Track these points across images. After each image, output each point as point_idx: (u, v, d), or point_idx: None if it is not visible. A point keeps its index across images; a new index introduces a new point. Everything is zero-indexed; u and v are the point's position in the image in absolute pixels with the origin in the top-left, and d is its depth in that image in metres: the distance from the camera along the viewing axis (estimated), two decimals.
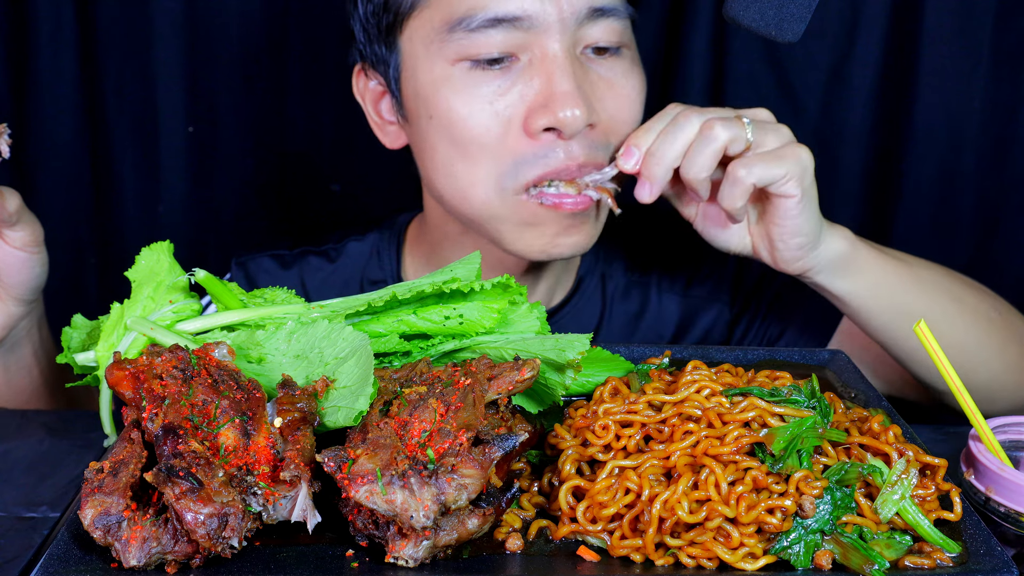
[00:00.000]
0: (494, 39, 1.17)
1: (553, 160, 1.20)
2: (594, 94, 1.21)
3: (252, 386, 0.89)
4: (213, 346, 0.93)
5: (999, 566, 0.81)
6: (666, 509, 0.83)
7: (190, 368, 0.88)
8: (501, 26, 1.16)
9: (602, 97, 1.22)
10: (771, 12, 1.04)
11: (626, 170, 1.16)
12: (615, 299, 1.50)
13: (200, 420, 0.83)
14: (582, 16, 1.18)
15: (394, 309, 1.04)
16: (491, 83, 1.19)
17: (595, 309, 1.50)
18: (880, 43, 1.78)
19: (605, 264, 1.51)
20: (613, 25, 1.21)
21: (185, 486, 0.76)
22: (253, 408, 0.86)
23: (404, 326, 1.03)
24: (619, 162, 1.17)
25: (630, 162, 1.15)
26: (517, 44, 1.18)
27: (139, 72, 1.79)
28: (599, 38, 1.21)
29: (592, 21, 1.19)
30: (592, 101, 1.20)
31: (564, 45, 1.18)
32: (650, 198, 1.15)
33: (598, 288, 1.50)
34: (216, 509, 0.76)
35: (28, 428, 1.16)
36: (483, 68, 1.19)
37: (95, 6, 1.75)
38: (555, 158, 1.19)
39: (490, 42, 1.17)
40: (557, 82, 1.16)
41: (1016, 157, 1.81)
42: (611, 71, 1.24)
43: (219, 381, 0.87)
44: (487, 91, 1.19)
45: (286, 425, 0.85)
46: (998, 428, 1.04)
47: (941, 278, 1.30)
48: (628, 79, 1.25)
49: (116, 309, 1.03)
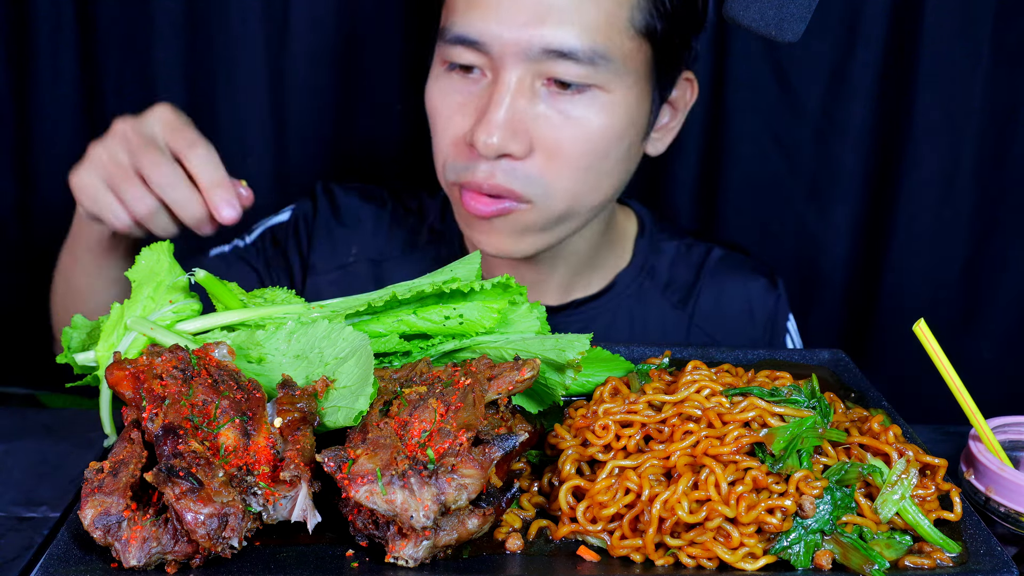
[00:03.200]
0: (463, 54, 1.25)
1: (471, 173, 1.26)
2: (534, 127, 1.23)
3: (252, 386, 0.89)
4: (213, 346, 0.93)
5: (999, 566, 0.81)
6: (666, 509, 0.83)
7: (190, 368, 0.88)
8: (465, 45, 1.24)
9: (544, 133, 1.24)
10: (771, 12, 1.04)
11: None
12: (641, 310, 1.52)
13: (200, 420, 0.83)
14: (535, 53, 1.20)
15: (394, 309, 1.04)
16: (461, 89, 1.27)
17: (621, 314, 1.51)
18: (880, 43, 1.77)
19: (647, 276, 1.53)
20: (574, 68, 1.21)
21: (185, 486, 0.76)
22: (253, 408, 0.86)
23: (404, 326, 1.03)
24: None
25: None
26: (483, 63, 1.25)
27: (139, 72, 1.79)
28: (562, 73, 1.22)
29: (552, 60, 1.21)
30: (525, 134, 1.23)
31: (518, 75, 1.22)
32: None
33: (631, 296, 1.52)
34: (216, 509, 0.76)
35: (28, 428, 1.16)
36: (459, 73, 1.27)
37: (95, 6, 1.75)
38: (473, 171, 1.26)
39: (460, 55, 1.25)
40: (490, 108, 1.22)
41: (1016, 157, 1.81)
42: (569, 107, 1.24)
43: (219, 381, 0.87)
44: (456, 98, 1.28)
45: (286, 425, 0.85)
46: (998, 428, 1.04)
47: None
48: (586, 118, 1.24)
49: (116, 309, 1.03)
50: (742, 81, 1.80)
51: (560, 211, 1.29)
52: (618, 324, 1.51)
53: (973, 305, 1.90)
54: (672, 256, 1.56)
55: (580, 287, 1.51)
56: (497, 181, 1.24)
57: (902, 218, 1.85)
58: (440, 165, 1.33)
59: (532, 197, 1.26)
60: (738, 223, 1.91)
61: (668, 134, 1.42)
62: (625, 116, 1.27)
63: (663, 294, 1.53)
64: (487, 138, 1.21)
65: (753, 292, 1.56)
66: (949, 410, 1.22)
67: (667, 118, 1.41)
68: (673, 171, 1.86)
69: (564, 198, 1.28)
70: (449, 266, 1.09)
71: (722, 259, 1.57)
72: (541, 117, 1.23)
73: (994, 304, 1.89)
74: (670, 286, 1.54)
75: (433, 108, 1.32)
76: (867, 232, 1.89)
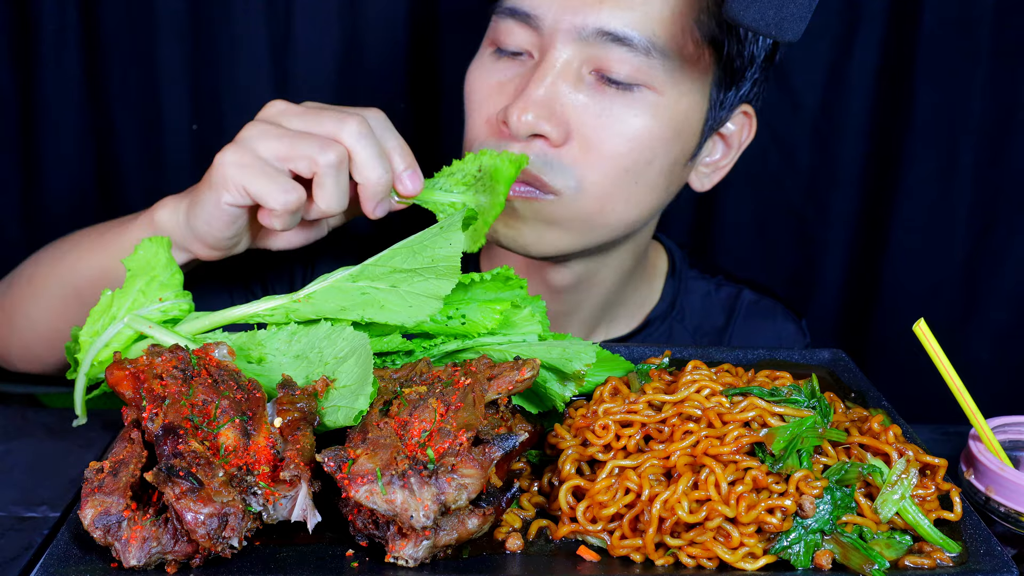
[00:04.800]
0: (514, 31, 1.19)
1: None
2: (573, 115, 1.16)
3: (252, 386, 0.89)
4: (213, 346, 0.93)
5: (999, 566, 0.81)
6: (666, 509, 0.83)
7: (190, 368, 0.88)
8: (517, 18, 1.18)
9: (583, 122, 1.17)
10: (771, 12, 1.04)
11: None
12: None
13: (200, 420, 0.83)
14: (589, 33, 1.14)
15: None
16: (504, 70, 1.21)
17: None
18: (879, 42, 1.78)
19: (677, 319, 1.49)
20: (627, 56, 1.14)
21: (185, 486, 0.76)
22: (253, 408, 0.86)
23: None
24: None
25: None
26: (531, 43, 1.19)
27: (143, 73, 1.79)
28: (611, 67, 1.15)
29: (604, 45, 1.14)
30: (563, 120, 1.16)
31: (565, 56, 1.15)
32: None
33: (662, 338, 1.48)
34: (216, 509, 0.76)
35: (28, 428, 1.16)
36: (504, 58, 1.22)
37: (99, 7, 1.75)
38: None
39: (510, 33, 1.19)
40: (530, 84, 1.16)
41: (1014, 156, 1.81)
42: (614, 102, 1.17)
43: (219, 381, 0.87)
44: (497, 77, 1.22)
45: (286, 425, 0.85)
46: (998, 428, 1.05)
47: None
48: (627, 118, 1.17)
49: (106, 296, 1.02)
50: None
51: (589, 211, 1.20)
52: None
53: (972, 304, 1.91)
54: (702, 296, 1.52)
55: (604, 325, 1.46)
56: (528, 166, 1.16)
57: (901, 217, 1.85)
58: (469, 148, 1.25)
59: (561, 188, 1.18)
60: (737, 222, 1.91)
61: (718, 172, 1.35)
62: (671, 124, 1.20)
63: (693, 337, 1.49)
64: (521, 114, 1.13)
65: (784, 337, 1.54)
66: (949, 410, 1.22)
67: (719, 154, 1.33)
68: None
69: (596, 195, 1.19)
70: (437, 225, 1.01)
71: (754, 303, 1.53)
72: (582, 107, 1.16)
73: (993, 303, 1.90)
74: (700, 329, 1.50)
75: (470, 89, 1.25)
76: (866, 231, 1.89)
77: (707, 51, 1.19)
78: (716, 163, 1.34)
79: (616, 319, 1.46)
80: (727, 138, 1.33)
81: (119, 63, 1.79)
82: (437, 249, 0.97)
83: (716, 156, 1.33)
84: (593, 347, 0.99)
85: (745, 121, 1.33)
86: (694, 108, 1.22)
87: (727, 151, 1.34)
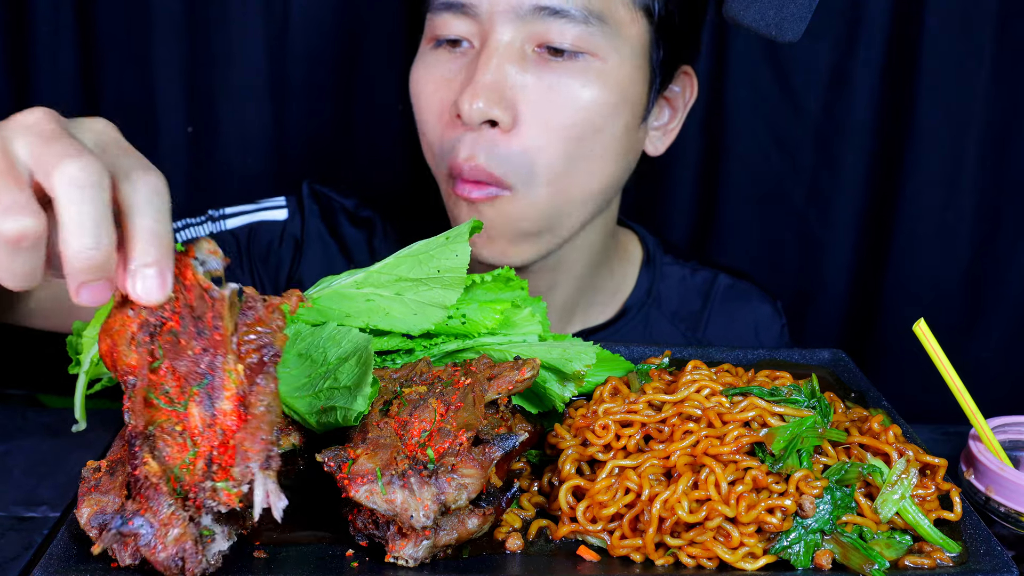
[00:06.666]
0: (451, 23, 1.20)
1: (455, 153, 1.20)
2: (521, 96, 1.17)
3: (214, 320, 0.74)
4: (194, 246, 0.75)
5: (999, 566, 0.81)
6: (666, 509, 0.83)
7: (158, 317, 0.75)
8: (452, 10, 1.19)
9: (532, 101, 1.18)
10: (771, 12, 1.04)
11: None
12: (650, 339, 1.49)
13: (172, 387, 0.77)
14: (526, 11, 1.16)
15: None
16: (446, 64, 1.22)
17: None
18: (881, 43, 1.77)
19: (654, 304, 1.50)
20: (567, 27, 1.16)
21: (139, 543, 0.75)
22: (213, 363, 0.75)
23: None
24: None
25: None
26: (470, 31, 1.20)
27: (139, 73, 1.79)
28: (553, 38, 1.16)
29: (543, 19, 1.16)
30: (512, 103, 1.17)
31: (507, 37, 1.17)
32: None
33: (640, 324, 1.49)
34: (171, 552, 0.75)
35: (28, 428, 1.17)
36: (445, 49, 1.23)
37: (95, 7, 1.75)
38: (458, 150, 1.20)
39: (447, 25, 1.21)
40: (477, 71, 1.17)
41: (1018, 157, 1.81)
42: (559, 75, 1.18)
43: (182, 330, 0.75)
44: (442, 72, 1.22)
45: (248, 370, 0.75)
46: (998, 428, 1.04)
47: None
48: (574, 88, 1.18)
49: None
50: (742, 81, 1.80)
51: (545, 199, 1.22)
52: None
53: (975, 306, 1.90)
54: (677, 282, 1.53)
55: (580, 313, 1.47)
56: (478, 162, 1.18)
57: (903, 218, 1.85)
58: (431, 156, 1.27)
59: (514, 182, 1.20)
60: (738, 224, 1.91)
61: (668, 135, 1.39)
62: (618, 89, 1.21)
63: (672, 323, 1.51)
64: (473, 101, 1.15)
65: (760, 319, 1.55)
66: (949, 410, 1.22)
67: (666, 117, 1.38)
68: (673, 172, 1.87)
69: (548, 178, 1.20)
70: (443, 235, 1.02)
71: (729, 286, 1.55)
72: (529, 87, 1.18)
73: (996, 305, 1.89)
74: (677, 314, 1.51)
75: (417, 88, 1.26)
76: (868, 232, 1.89)
77: (641, 17, 1.23)
78: (665, 126, 1.38)
79: (592, 306, 1.48)
80: (672, 100, 1.37)
81: (114, 64, 1.79)
82: (443, 260, 0.98)
83: (664, 119, 1.37)
84: (593, 347, 0.99)
85: (687, 81, 1.38)
86: (638, 74, 1.25)
87: (673, 113, 1.38)
